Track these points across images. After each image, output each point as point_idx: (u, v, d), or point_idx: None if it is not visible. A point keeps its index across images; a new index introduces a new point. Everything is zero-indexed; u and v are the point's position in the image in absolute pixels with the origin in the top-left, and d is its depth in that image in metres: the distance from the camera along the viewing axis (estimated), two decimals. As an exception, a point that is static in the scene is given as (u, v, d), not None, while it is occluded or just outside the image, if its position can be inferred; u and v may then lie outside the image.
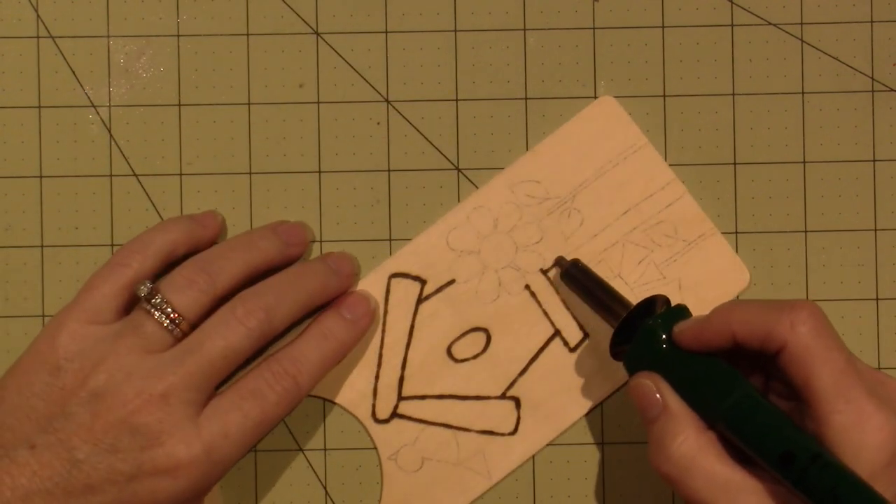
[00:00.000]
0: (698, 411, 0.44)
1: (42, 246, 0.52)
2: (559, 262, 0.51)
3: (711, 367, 0.45)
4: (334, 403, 0.52)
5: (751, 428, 0.43)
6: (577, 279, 0.50)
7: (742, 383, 0.44)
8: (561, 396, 0.52)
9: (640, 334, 0.46)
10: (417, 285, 0.52)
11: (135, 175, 0.52)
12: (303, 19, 0.52)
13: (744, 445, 0.43)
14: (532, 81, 0.52)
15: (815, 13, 0.52)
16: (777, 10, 0.52)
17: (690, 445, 0.43)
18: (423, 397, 0.52)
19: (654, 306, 0.47)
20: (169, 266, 0.49)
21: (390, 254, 0.52)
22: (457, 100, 0.52)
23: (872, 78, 0.52)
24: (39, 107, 0.52)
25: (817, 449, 0.41)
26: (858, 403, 0.42)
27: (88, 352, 0.45)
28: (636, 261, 0.52)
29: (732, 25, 0.52)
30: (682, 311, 0.46)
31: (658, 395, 0.45)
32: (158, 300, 0.46)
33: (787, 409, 0.44)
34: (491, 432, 0.52)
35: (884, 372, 0.46)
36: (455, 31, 0.52)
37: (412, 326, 0.52)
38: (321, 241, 0.52)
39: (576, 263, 0.50)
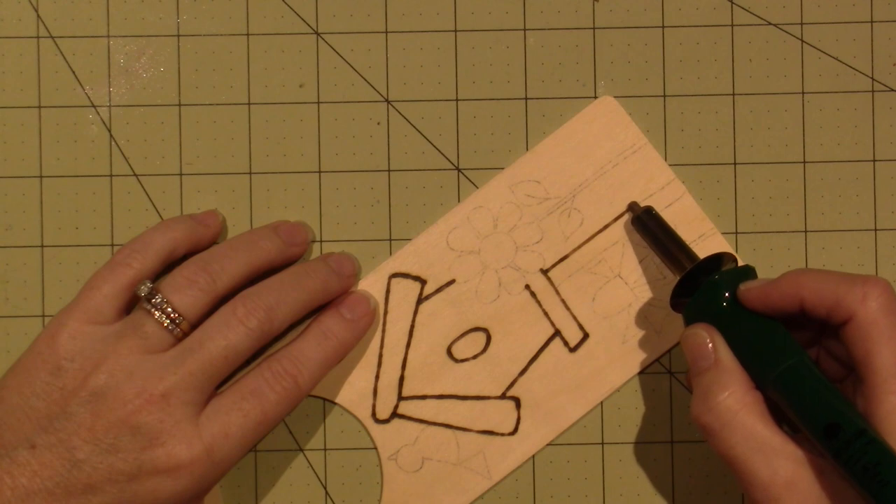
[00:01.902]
0: (749, 372, 0.45)
1: (42, 246, 0.52)
2: (632, 207, 0.51)
3: (770, 329, 0.45)
4: (334, 403, 0.52)
5: (801, 395, 0.43)
6: (648, 226, 0.50)
7: (798, 350, 0.44)
8: (561, 396, 0.52)
9: (704, 287, 0.46)
10: (417, 285, 0.52)
11: (135, 175, 0.52)
12: (303, 19, 0.52)
13: (791, 411, 0.43)
14: (532, 81, 0.52)
15: (815, 13, 0.52)
16: (777, 10, 0.53)
17: (736, 400, 0.43)
18: (423, 397, 0.52)
19: (721, 263, 0.47)
20: (169, 266, 0.49)
21: (390, 254, 0.52)
22: (457, 100, 0.52)
23: (872, 78, 0.52)
24: (39, 107, 0.52)
25: (864, 425, 0.41)
26: None
27: (89, 352, 0.45)
28: (636, 261, 0.52)
29: (732, 25, 0.52)
30: (749, 271, 0.47)
31: (711, 348, 0.45)
32: (159, 300, 0.46)
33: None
34: (491, 432, 0.52)
35: None
36: (455, 31, 0.52)
37: (412, 326, 0.52)
38: (321, 241, 0.52)
39: (649, 210, 0.51)
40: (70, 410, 0.44)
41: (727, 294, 0.46)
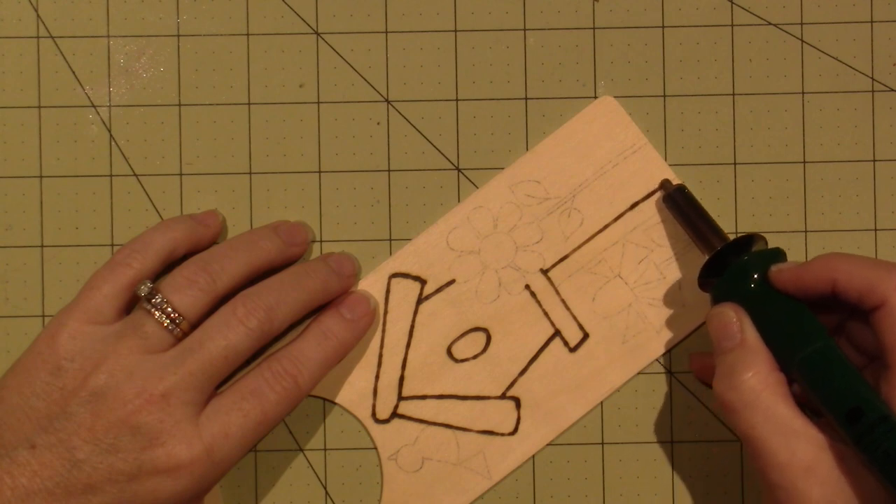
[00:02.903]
0: (774, 353, 0.45)
1: (42, 246, 0.52)
2: (664, 184, 0.51)
3: (797, 312, 0.45)
4: (334, 403, 0.52)
5: (825, 378, 0.43)
6: (679, 205, 0.50)
7: (824, 334, 0.44)
8: (561, 396, 0.52)
9: (734, 267, 0.47)
10: (417, 285, 0.52)
11: (135, 175, 0.52)
12: (303, 19, 0.52)
13: (814, 394, 0.43)
14: (532, 81, 0.52)
15: (815, 13, 0.52)
16: (777, 10, 0.53)
17: (760, 380, 0.44)
18: (423, 397, 0.52)
19: (751, 244, 0.47)
20: (169, 266, 0.49)
21: (390, 254, 0.52)
22: (457, 100, 0.52)
23: (872, 78, 0.52)
24: (39, 107, 0.52)
25: (887, 411, 0.41)
26: None
27: (89, 352, 0.45)
28: (636, 261, 0.52)
29: (732, 25, 0.52)
30: (779, 254, 0.47)
31: (737, 327, 0.45)
32: (159, 300, 0.46)
33: None
34: (491, 432, 0.52)
35: None
36: (455, 31, 0.52)
37: (412, 326, 0.52)
38: (321, 241, 0.52)
39: (681, 189, 0.50)
40: (70, 410, 0.44)
41: (756, 275, 0.46)
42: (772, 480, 0.43)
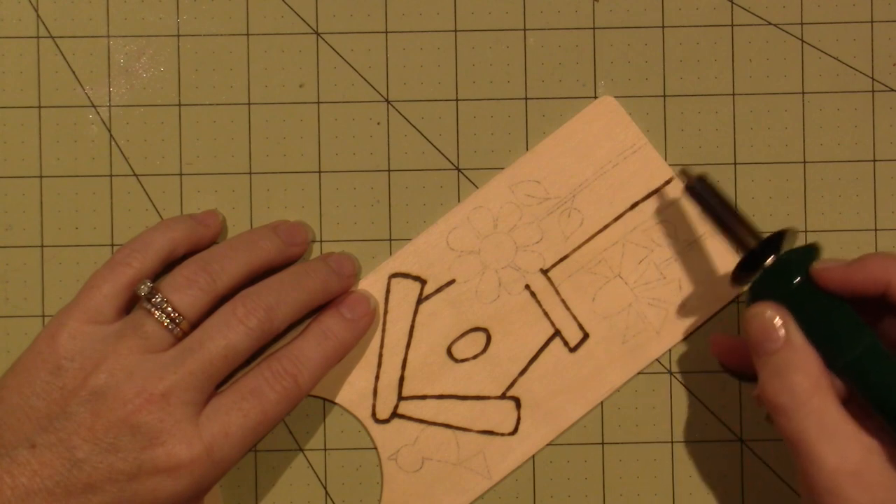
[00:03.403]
0: (820, 354, 0.43)
1: (42, 246, 0.52)
2: (685, 172, 0.48)
3: (841, 312, 0.44)
4: (334, 403, 0.52)
5: (875, 380, 0.42)
6: (703, 196, 0.48)
7: (871, 334, 0.43)
8: (561, 396, 0.52)
9: (774, 265, 0.45)
10: (417, 285, 0.52)
11: (135, 175, 0.52)
12: (303, 19, 0.53)
13: (866, 396, 0.42)
14: (532, 81, 0.52)
15: (815, 13, 0.52)
16: (777, 10, 0.53)
17: (812, 382, 0.42)
18: (423, 397, 0.52)
19: (782, 239, 0.45)
20: (169, 266, 0.49)
21: (390, 254, 0.52)
22: (457, 100, 0.52)
23: (872, 78, 0.52)
24: (39, 107, 0.52)
25: None
26: None
27: (89, 351, 0.45)
28: (636, 261, 0.52)
29: (732, 25, 0.52)
30: (817, 250, 0.45)
31: (780, 329, 0.44)
32: (159, 299, 0.46)
33: None
34: (491, 432, 0.52)
35: None
36: (455, 31, 0.52)
37: (412, 326, 0.52)
38: (321, 241, 0.52)
39: (702, 179, 0.48)
40: (70, 410, 0.44)
41: (799, 273, 0.44)
42: (816, 483, 0.42)
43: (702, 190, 0.48)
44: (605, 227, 0.52)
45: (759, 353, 0.44)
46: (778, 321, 0.44)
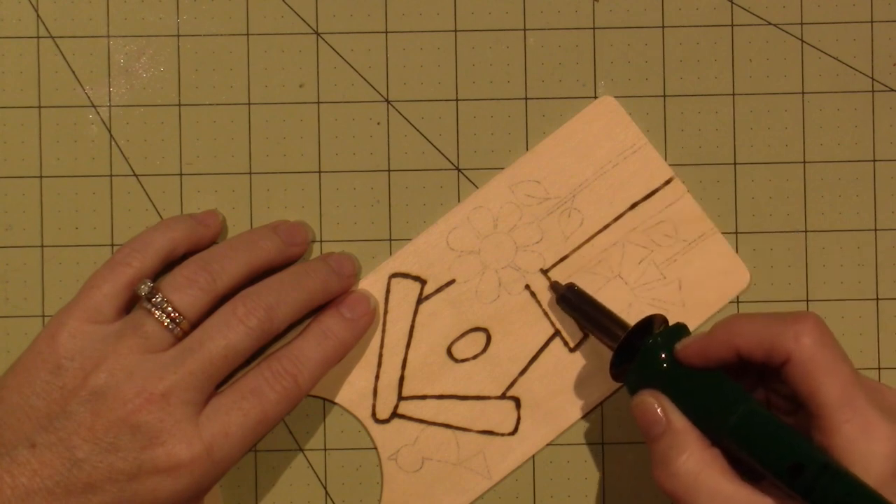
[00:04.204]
0: (702, 428, 0.44)
1: (42, 246, 0.52)
2: (554, 286, 0.51)
3: (715, 382, 0.44)
4: (334, 403, 0.52)
5: (759, 441, 0.42)
6: (574, 303, 0.50)
7: (746, 397, 0.44)
8: (561, 396, 0.52)
9: (641, 354, 0.46)
10: (417, 285, 0.52)
11: (135, 175, 0.52)
12: (303, 19, 0.53)
13: (752, 459, 0.43)
14: (532, 81, 0.52)
15: (815, 13, 0.52)
16: (777, 10, 0.53)
17: (696, 461, 0.43)
18: (423, 397, 0.52)
19: (652, 325, 0.47)
20: (169, 265, 0.49)
21: (390, 254, 0.52)
22: (457, 100, 0.52)
23: (872, 78, 0.52)
24: (39, 107, 0.52)
25: (826, 459, 0.41)
26: (865, 413, 0.41)
27: (89, 351, 0.45)
28: (636, 261, 0.52)
29: (732, 25, 0.52)
30: (681, 330, 0.46)
31: (661, 413, 0.45)
32: (159, 299, 0.46)
33: (789, 424, 0.44)
34: (491, 432, 0.52)
35: (881, 383, 0.46)
36: (455, 31, 0.52)
37: (412, 326, 0.52)
38: (321, 241, 0.52)
39: (571, 287, 0.50)
40: (70, 409, 0.44)
41: (664, 355, 0.45)
42: None
43: (572, 297, 0.50)
44: (605, 227, 0.52)
45: (648, 440, 0.45)
46: (656, 406, 0.45)
